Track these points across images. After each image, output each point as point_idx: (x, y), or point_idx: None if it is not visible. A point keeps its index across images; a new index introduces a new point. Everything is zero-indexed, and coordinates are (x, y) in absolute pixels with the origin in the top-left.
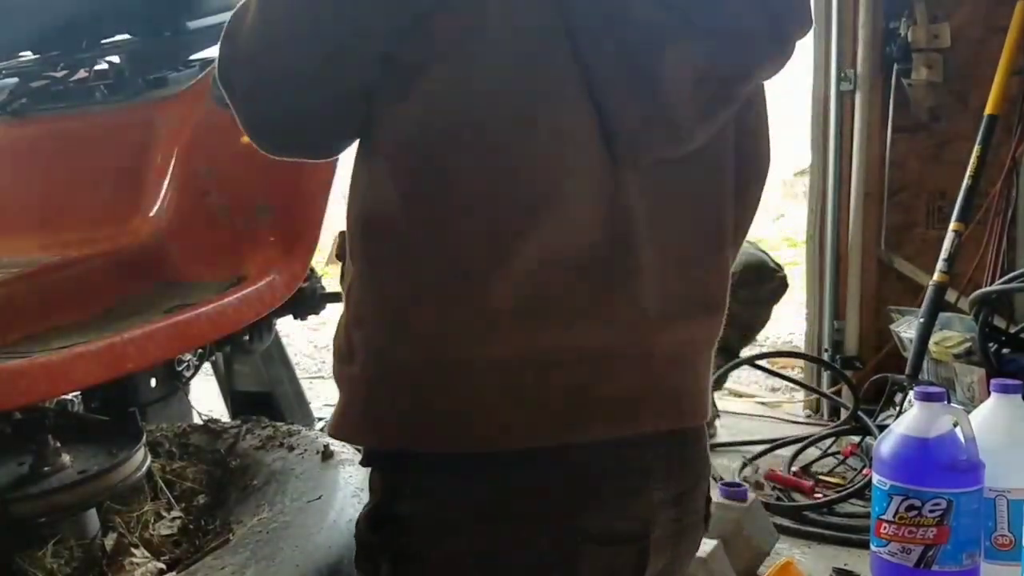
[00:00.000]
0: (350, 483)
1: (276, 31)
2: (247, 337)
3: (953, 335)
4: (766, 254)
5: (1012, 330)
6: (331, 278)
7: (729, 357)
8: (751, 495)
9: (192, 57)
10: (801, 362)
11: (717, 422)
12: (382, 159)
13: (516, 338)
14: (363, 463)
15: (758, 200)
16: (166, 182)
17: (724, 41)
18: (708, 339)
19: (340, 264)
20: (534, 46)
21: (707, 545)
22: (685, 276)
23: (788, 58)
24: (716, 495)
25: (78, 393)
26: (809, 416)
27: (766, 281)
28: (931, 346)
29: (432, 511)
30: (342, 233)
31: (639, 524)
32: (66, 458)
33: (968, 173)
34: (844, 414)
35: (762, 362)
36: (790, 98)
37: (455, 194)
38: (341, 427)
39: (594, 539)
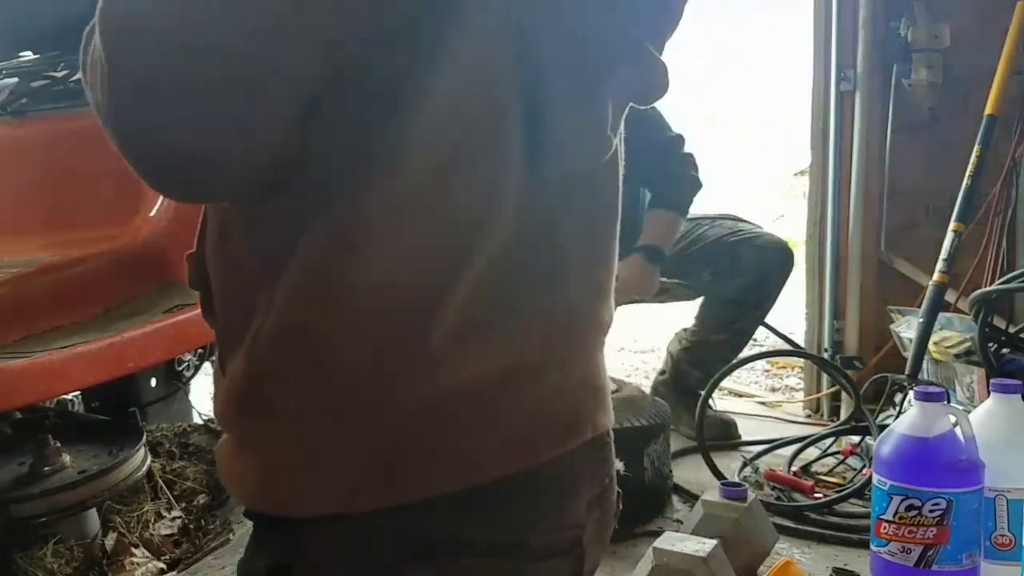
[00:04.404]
0: None
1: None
2: None
3: (953, 335)
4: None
5: (1012, 330)
6: None
7: (745, 340)
8: (751, 495)
9: None
10: (801, 361)
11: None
12: (305, 193)
13: (458, 368)
14: (261, 522)
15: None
16: None
17: (637, 63)
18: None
19: (199, 295)
20: (486, 49)
21: (707, 545)
22: (594, 279)
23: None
24: (716, 495)
25: (78, 393)
26: (809, 416)
27: (789, 266)
28: (931, 346)
29: (369, 561)
30: (192, 255)
31: (576, 531)
32: (66, 458)
33: (968, 173)
34: (844, 412)
35: (761, 362)
36: (790, 98)
37: (399, 223)
38: (265, 496)
39: (536, 555)
